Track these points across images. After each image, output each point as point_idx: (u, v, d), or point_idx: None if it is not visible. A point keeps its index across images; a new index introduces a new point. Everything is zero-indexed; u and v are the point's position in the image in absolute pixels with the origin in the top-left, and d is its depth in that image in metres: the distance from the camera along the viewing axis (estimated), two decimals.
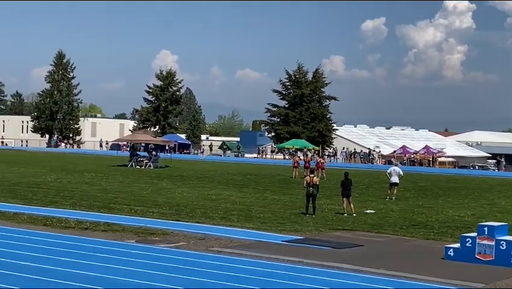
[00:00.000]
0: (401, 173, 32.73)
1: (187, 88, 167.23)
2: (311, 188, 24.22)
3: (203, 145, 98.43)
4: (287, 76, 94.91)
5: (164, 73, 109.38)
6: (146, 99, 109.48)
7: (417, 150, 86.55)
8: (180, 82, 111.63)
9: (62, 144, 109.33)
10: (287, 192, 33.78)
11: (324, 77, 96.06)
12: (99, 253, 15.49)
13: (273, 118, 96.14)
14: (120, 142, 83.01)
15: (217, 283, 12.91)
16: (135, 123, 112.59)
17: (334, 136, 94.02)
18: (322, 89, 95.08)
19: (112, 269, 13.75)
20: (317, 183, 24.82)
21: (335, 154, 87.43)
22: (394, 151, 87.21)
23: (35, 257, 14.59)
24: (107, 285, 12.37)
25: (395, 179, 31.99)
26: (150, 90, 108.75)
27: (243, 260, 15.42)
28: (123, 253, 15.59)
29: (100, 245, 16.60)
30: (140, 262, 14.53)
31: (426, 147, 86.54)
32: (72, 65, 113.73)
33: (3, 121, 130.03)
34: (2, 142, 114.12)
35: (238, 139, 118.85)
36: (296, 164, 46.32)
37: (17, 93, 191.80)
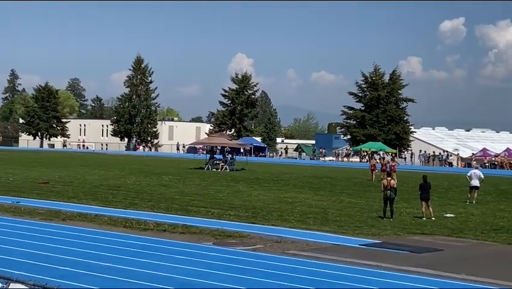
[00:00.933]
0: (481, 176, 31.98)
1: (262, 91, 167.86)
2: (388, 191, 23.92)
3: (281, 148, 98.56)
4: (363, 78, 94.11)
5: (240, 76, 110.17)
6: (221, 102, 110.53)
7: (498, 152, 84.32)
8: (255, 85, 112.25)
9: (141, 147, 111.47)
10: (364, 195, 33.46)
11: (401, 79, 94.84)
12: (177, 254, 15.70)
13: (348, 121, 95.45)
14: (196, 146, 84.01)
15: (294, 287, 12.89)
16: (211, 126, 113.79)
17: (411, 139, 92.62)
18: (399, 91, 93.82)
19: (190, 271, 13.91)
20: (395, 186, 24.49)
21: (411, 157, 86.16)
22: (474, 154, 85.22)
23: (116, 258, 14.90)
24: (184, 286, 12.52)
25: (475, 182, 31.26)
26: (226, 94, 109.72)
27: (319, 263, 15.35)
28: (201, 255, 15.75)
29: (178, 247, 16.82)
30: (217, 264, 14.65)
31: (508, 149, 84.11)
32: (150, 69, 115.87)
33: (84, 125, 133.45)
34: (83, 145, 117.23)
35: (313, 142, 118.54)
36: (373, 167, 45.87)
37: (97, 97, 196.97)
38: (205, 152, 66.00)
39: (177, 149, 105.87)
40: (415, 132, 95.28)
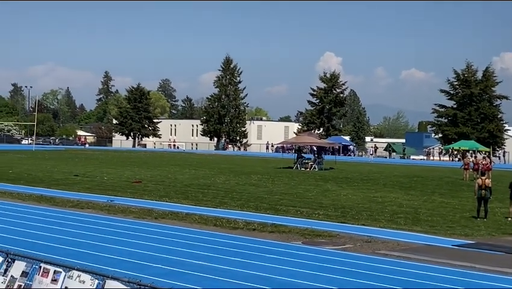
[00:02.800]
0: None
1: (351, 89, 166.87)
2: (483, 190, 23.30)
3: (372, 147, 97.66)
4: (455, 76, 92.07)
5: (328, 75, 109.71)
6: (310, 102, 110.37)
7: None
8: (344, 84, 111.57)
9: (230, 147, 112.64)
10: (456, 195, 32.70)
11: (494, 76, 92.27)
12: (267, 253, 15.77)
13: (440, 119, 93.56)
14: (285, 145, 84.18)
15: (384, 287, 12.73)
16: (299, 125, 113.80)
17: (505, 137, 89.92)
18: (492, 88, 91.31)
19: (279, 270, 13.94)
20: (490, 185, 23.81)
21: (504, 155, 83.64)
22: None
23: (207, 257, 15.10)
24: (274, 285, 12.56)
25: None
26: (314, 93, 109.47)
27: (410, 264, 15.11)
28: (290, 254, 15.77)
29: (268, 246, 16.89)
30: (306, 264, 14.63)
31: None
32: (239, 70, 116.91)
33: (175, 125, 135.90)
34: (174, 145, 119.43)
35: (403, 140, 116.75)
36: (466, 166, 44.75)
37: (187, 98, 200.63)
38: (293, 151, 66.05)
39: (267, 148, 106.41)
40: (509, 129, 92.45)
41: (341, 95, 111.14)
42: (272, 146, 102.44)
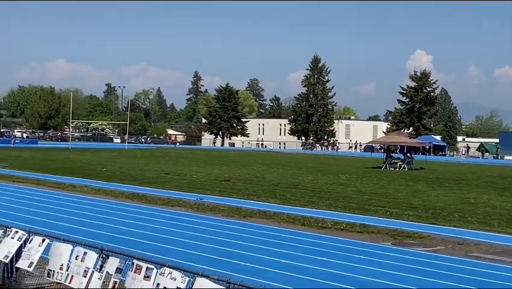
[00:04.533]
0: None
1: (442, 88, 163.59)
2: None
3: (464, 147, 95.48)
4: None
5: (419, 73, 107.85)
6: (399, 101, 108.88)
7: None
8: (435, 83, 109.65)
9: (318, 146, 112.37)
10: None
11: None
12: (355, 254, 15.63)
13: None
14: (373, 144, 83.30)
15: None
16: (388, 124, 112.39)
17: None
18: None
19: (369, 271, 13.79)
20: None
21: None
22: None
23: (294, 256, 15.10)
24: (362, 286, 12.43)
25: None
26: (404, 91, 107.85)
27: (504, 267, 14.65)
28: (379, 255, 15.57)
29: (356, 246, 16.74)
30: (396, 265, 14.42)
31: None
32: (327, 68, 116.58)
33: (263, 124, 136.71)
34: (262, 144, 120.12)
35: (497, 140, 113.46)
36: None
37: (275, 97, 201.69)
38: (381, 151, 65.24)
39: (355, 148, 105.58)
40: None
41: (432, 94, 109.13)
42: (360, 145, 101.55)
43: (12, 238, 10.71)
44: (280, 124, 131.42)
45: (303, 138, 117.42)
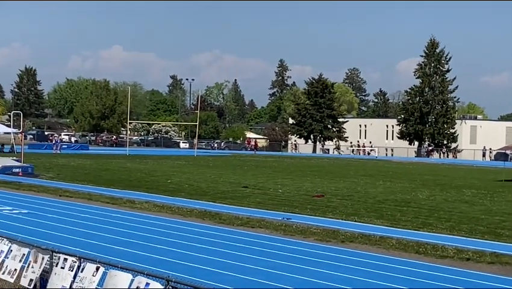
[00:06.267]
0: None
1: None
2: None
3: None
4: None
5: None
6: None
7: None
8: None
9: (435, 153, 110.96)
10: None
11: None
12: None
13: None
14: (507, 151, 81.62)
15: None
16: None
17: None
18: None
19: None
20: None
21: None
22: None
23: None
24: None
25: None
26: None
27: None
28: None
29: (488, 281, 16.41)
30: None
31: None
32: (447, 55, 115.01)
33: (365, 125, 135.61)
34: (364, 150, 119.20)
35: None
36: None
37: (380, 91, 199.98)
38: None
39: (483, 155, 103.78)
40: None
41: None
42: (490, 152, 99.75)
43: (62, 267, 10.93)
44: (387, 126, 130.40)
45: (416, 142, 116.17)
